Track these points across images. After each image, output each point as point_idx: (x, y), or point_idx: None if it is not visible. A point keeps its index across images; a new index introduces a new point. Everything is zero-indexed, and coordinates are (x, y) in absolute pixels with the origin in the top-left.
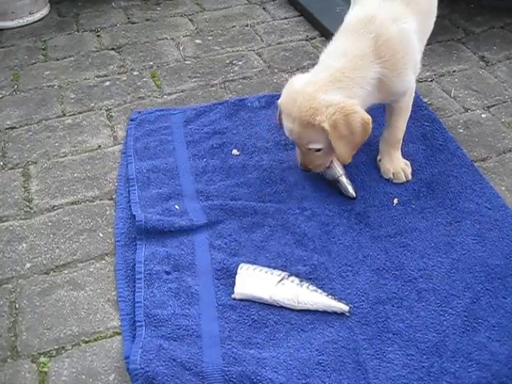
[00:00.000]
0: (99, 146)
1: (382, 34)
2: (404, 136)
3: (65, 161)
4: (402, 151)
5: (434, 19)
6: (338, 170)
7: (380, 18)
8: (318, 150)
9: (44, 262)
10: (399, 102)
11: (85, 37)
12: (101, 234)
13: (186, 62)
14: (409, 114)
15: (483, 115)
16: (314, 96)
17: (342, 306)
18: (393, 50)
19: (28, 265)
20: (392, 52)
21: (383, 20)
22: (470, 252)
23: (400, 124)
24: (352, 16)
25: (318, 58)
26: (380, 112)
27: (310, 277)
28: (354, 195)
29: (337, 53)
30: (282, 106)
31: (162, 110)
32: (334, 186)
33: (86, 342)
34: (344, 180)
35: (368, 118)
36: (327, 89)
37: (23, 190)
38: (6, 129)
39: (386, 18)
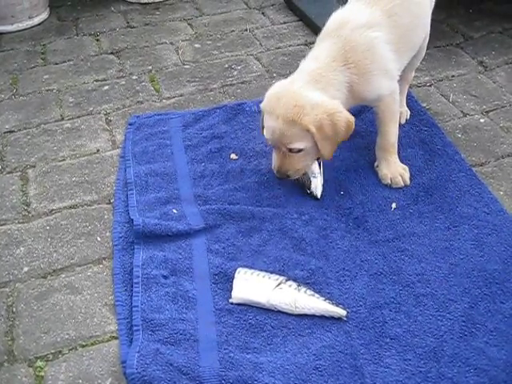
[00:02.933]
0: (98, 150)
1: (351, 39)
2: (402, 140)
3: (63, 165)
4: (400, 156)
5: (420, 35)
6: (316, 169)
7: (353, 23)
8: (299, 151)
9: (41, 265)
10: (379, 106)
11: (84, 41)
12: (99, 238)
13: (185, 67)
14: (397, 119)
15: (482, 120)
16: (299, 93)
17: (339, 311)
18: (360, 56)
19: (26, 268)
20: (359, 58)
21: (355, 26)
22: (468, 257)
23: (389, 128)
24: (331, 19)
25: None
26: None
27: (307, 281)
28: (319, 197)
29: (311, 56)
30: (265, 107)
31: (161, 115)
32: (304, 185)
33: (83, 346)
34: (318, 180)
35: (352, 117)
36: (310, 87)
37: (21, 193)
38: (5, 132)
39: (359, 24)
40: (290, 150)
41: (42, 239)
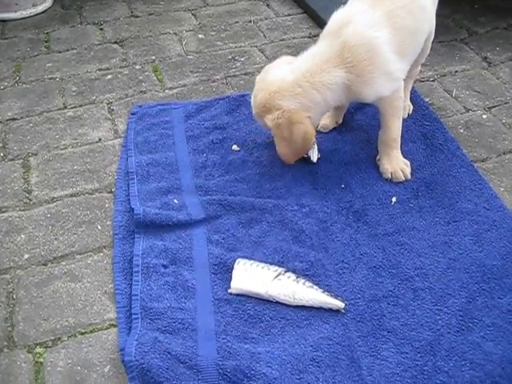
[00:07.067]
0: (100, 139)
1: (351, 39)
2: (404, 135)
3: (65, 153)
4: (401, 150)
5: (423, 36)
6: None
7: (354, 24)
8: None
9: (42, 253)
10: (381, 103)
11: (88, 30)
12: (99, 227)
13: (189, 57)
14: (400, 114)
15: (484, 116)
16: (272, 97)
17: (337, 303)
18: (359, 56)
19: (26, 256)
20: (358, 59)
21: (357, 26)
22: (467, 252)
23: (391, 124)
24: (332, 18)
25: None
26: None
27: (306, 273)
28: (315, 161)
29: (308, 54)
30: (256, 82)
31: (163, 105)
32: None
33: (82, 334)
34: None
35: (311, 131)
36: (285, 94)
37: (23, 181)
38: (7, 120)
39: (361, 24)
40: None
41: (43, 227)
